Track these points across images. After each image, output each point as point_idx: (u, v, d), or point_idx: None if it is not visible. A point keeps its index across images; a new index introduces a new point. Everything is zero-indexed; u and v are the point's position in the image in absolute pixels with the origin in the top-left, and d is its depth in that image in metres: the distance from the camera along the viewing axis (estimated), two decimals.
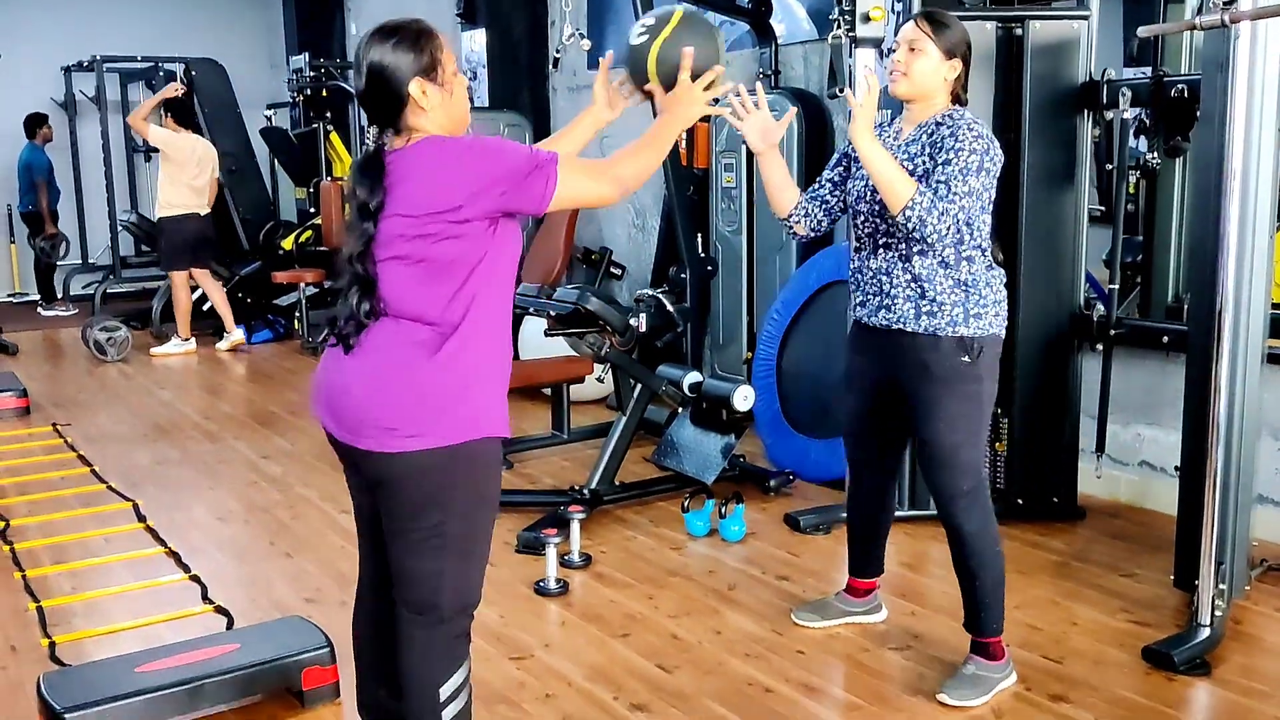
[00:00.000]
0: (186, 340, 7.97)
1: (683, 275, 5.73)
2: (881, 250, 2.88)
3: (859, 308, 2.98)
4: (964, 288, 2.79)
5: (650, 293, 5.71)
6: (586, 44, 5.74)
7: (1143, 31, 3.18)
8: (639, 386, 4.51)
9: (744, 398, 4.37)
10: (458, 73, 2.16)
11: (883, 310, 2.88)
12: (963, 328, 2.78)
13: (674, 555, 3.91)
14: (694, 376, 4.56)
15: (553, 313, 4.56)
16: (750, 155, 5.51)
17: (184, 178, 7.73)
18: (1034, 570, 3.69)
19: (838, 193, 3.04)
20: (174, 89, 7.89)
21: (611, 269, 7.22)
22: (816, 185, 3.06)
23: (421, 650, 2.21)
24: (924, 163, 2.77)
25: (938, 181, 2.68)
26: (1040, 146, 3.97)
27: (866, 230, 2.91)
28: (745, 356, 5.66)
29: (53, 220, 10.21)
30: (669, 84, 2.38)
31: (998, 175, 2.77)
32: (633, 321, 5.00)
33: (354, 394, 2.13)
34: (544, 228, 7.32)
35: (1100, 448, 4.09)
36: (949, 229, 2.67)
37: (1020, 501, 4.10)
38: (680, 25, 2.44)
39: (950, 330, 2.78)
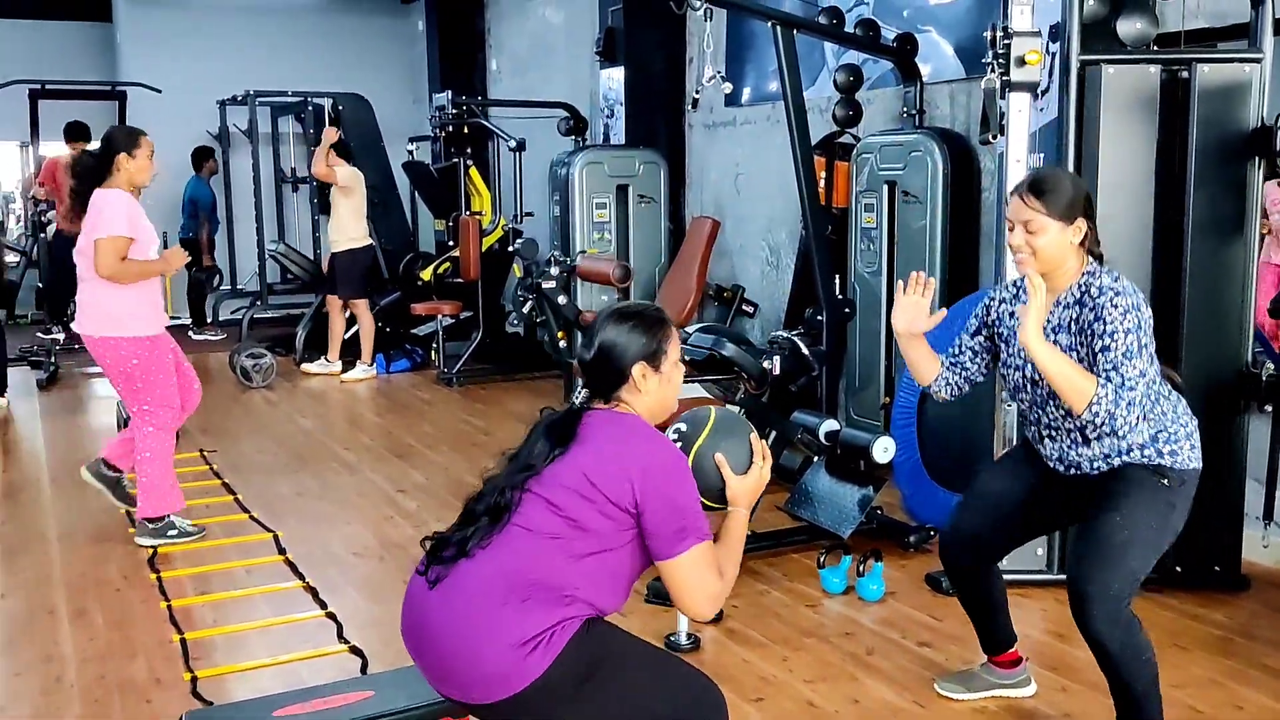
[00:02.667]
0: (333, 362, 8.31)
1: (819, 317, 5.63)
2: (1049, 441, 2.81)
3: (1036, 444, 2.88)
4: (1152, 428, 2.68)
5: (785, 335, 5.62)
6: (727, 87, 5.71)
7: None
8: (773, 433, 4.42)
9: (884, 449, 4.23)
10: (679, 363, 2.24)
11: (1070, 469, 2.80)
12: (1160, 460, 2.68)
13: (809, 613, 3.81)
14: (830, 424, 4.45)
15: (688, 359, 4.50)
16: (892, 196, 5.40)
17: (362, 210, 8.15)
18: (1194, 645, 3.47)
19: (979, 361, 2.95)
20: (334, 133, 8.16)
21: (744, 306, 7.15)
22: (956, 352, 2.97)
23: None
24: (1082, 352, 2.65)
25: (1108, 370, 2.57)
26: (1206, 195, 3.77)
27: (1033, 418, 2.83)
28: (883, 401, 5.52)
29: (210, 251, 10.69)
30: (706, 493, 2.30)
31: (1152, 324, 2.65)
32: (767, 365, 4.91)
33: (456, 655, 2.06)
34: (676, 264, 7.31)
35: (1269, 514, 3.85)
36: (1139, 418, 2.61)
37: (1179, 569, 3.87)
38: (712, 432, 2.41)
39: (1146, 462, 2.68)
